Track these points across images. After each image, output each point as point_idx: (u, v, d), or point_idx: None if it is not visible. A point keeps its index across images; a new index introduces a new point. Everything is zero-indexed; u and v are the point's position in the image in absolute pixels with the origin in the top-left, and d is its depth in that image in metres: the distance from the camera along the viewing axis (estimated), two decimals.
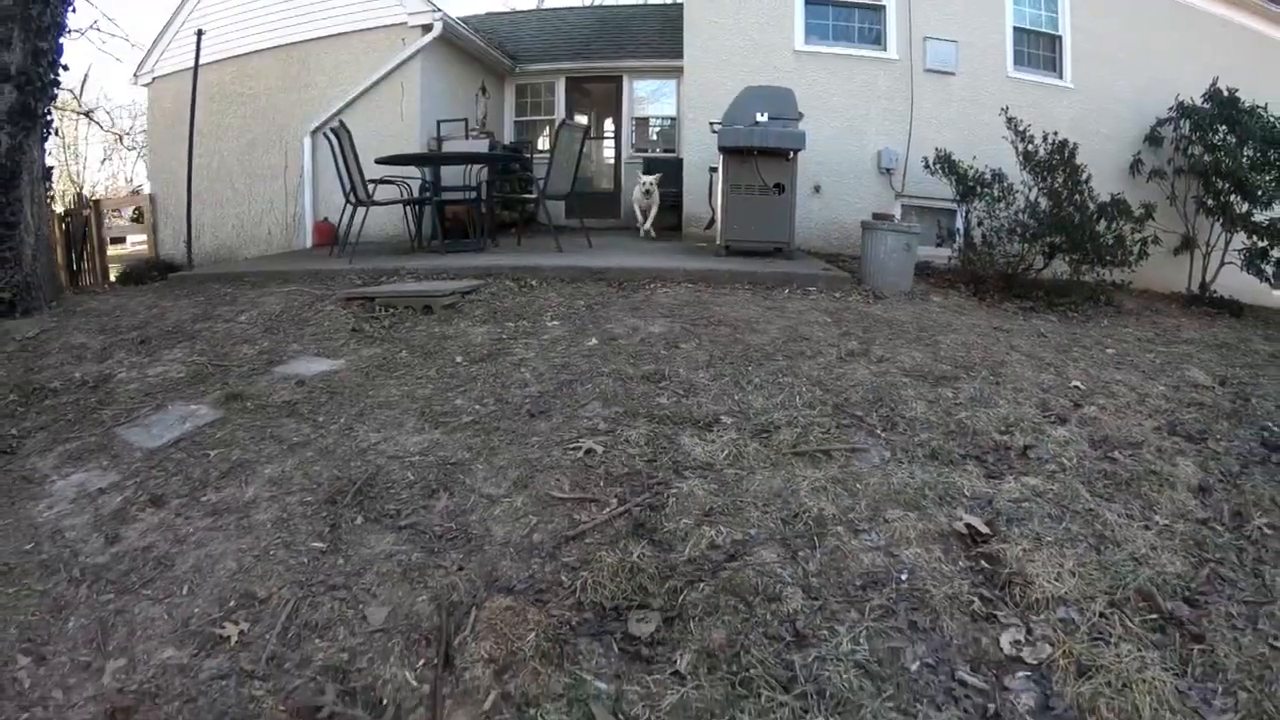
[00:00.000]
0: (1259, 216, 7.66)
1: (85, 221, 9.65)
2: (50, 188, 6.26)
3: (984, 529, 1.96)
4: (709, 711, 1.34)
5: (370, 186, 6.07)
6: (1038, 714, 1.43)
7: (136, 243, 11.62)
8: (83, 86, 16.75)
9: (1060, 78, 8.51)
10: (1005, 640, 1.59)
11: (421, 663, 1.52)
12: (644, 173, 8.44)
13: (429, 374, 3.32)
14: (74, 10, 6.03)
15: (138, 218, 12.54)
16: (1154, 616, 1.77)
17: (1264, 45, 9.65)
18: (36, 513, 2.50)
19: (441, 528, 1.99)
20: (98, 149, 20.84)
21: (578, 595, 1.67)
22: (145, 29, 36.54)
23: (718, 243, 6.32)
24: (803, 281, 5.23)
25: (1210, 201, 8.01)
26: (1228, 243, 7.97)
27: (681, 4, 8.82)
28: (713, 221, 7.36)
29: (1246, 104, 7.94)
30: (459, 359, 3.50)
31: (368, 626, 1.64)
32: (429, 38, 7.95)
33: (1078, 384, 3.56)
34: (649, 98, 10.47)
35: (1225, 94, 8.06)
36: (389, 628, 1.63)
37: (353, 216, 6.16)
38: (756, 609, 1.60)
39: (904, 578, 1.74)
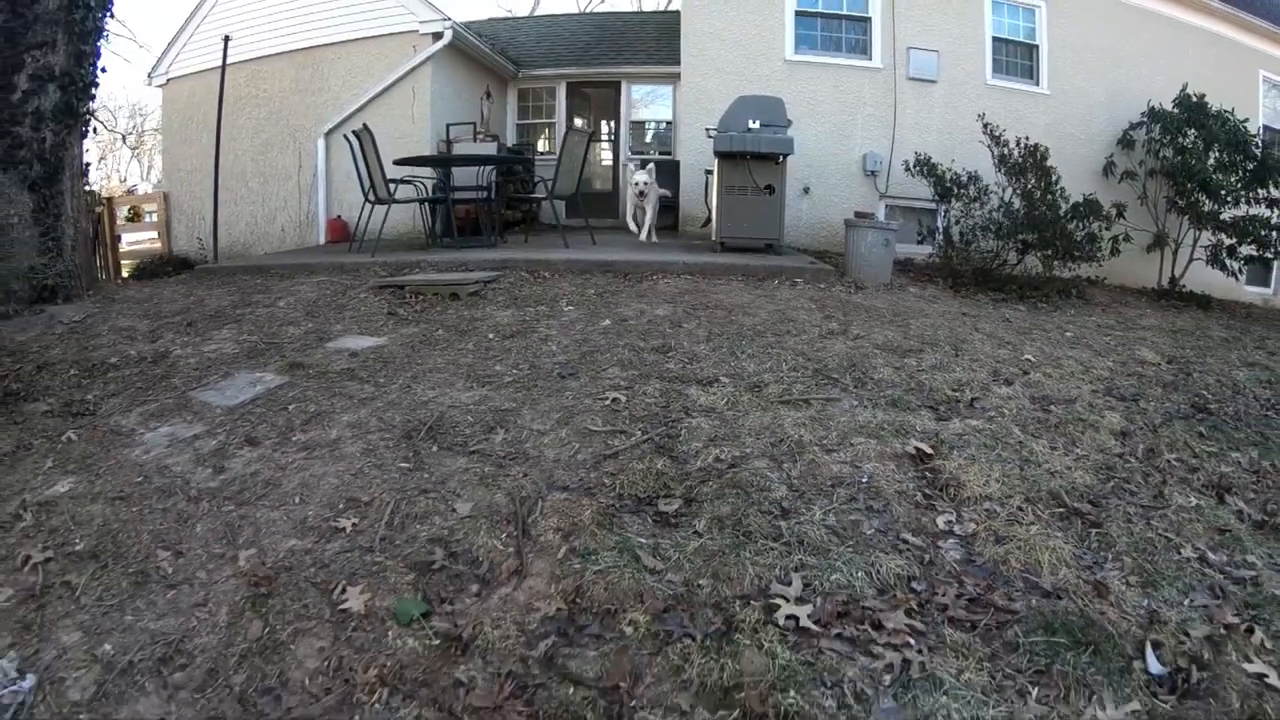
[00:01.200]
0: (1226, 215, 8.30)
1: (98, 219, 10.13)
2: (88, 184, 6.74)
3: (929, 451, 2.52)
4: (720, 552, 1.89)
5: (391, 186, 6.61)
6: (963, 564, 1.99)
7: (133, 241, 12.00)
8: None
9: (1037, 84, 9.14)
10: (940, 520, 2.16)
11: (505, 535, 2.06)
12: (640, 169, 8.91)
13: (467, 347, 3.86)
14: (112, 15, 6.48)
15: (133, 217, 12.99)
16: (1061, 510, 2.34)
17: (1232, 49, 10.30)
18: (135, 456, 2.98)
19: (504, 451, 2.54)
20: (94, 149, 21.26)
21: (618, 490, 2.23)
22: (151, 31, 36.83)
23: (713, 239, 6.89)
24: (791, 274, 5.80)
25: (1181, 201, 8.64)
26: (1196, 240, 8.60)
27: (678, 11, 9.41)
28: (709, 220, 7.93)
29: (1214, 108, 8.56)
30: (491, 335, 4.05)
31: (457, 515, 2.18)
32: (439, 45, 8.51)
33: (1030, 357, 4.14)
34: (646, 102, 11.08)
35: (1194, 99, 8.68)
36: (475, 515, 2.17)
37: (371, 214, 6.70)
38: (753, 495, 2.16)
39: (864, 480, 2.31)
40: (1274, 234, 8.34)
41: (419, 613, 1.80)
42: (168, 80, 10.13)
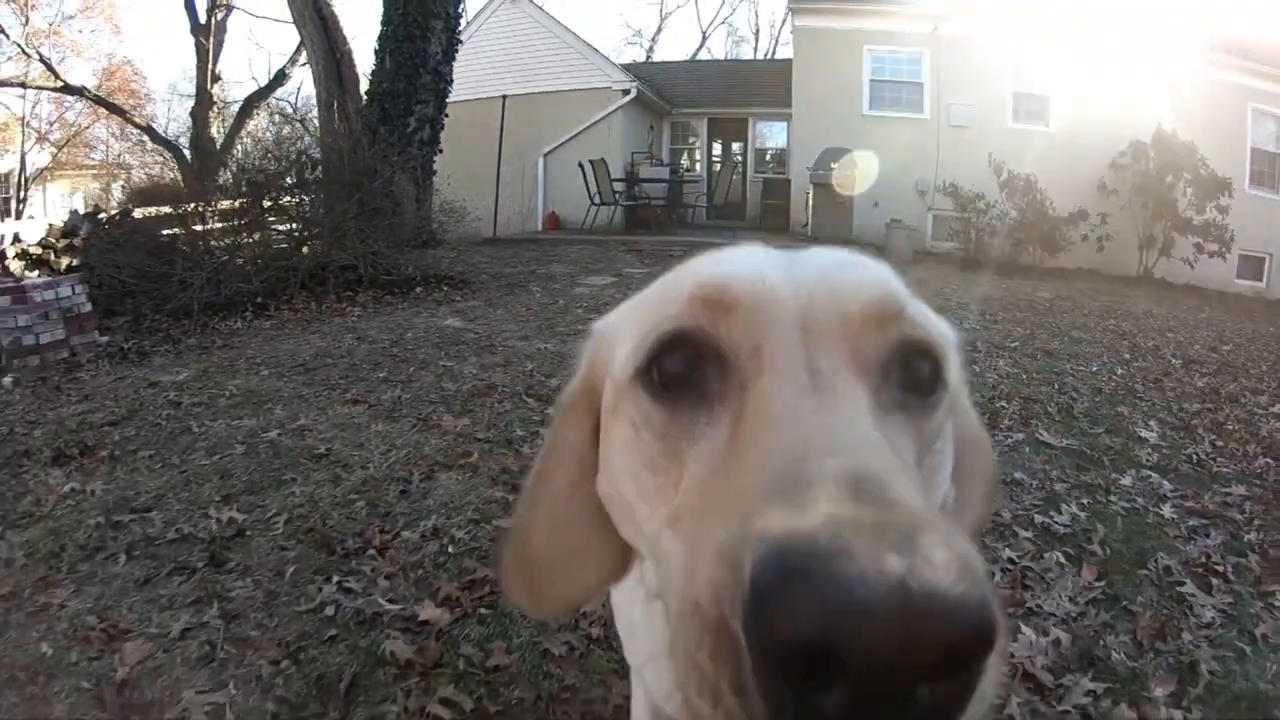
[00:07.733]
0: (1197, 220, 13.67)
1: None
2: (434, 185, 13.38)
3: None
4: None
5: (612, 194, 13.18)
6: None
7: None
8: None
9: (1047, 126, 14.94)
10: None
11: None
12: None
13: None
14: (452, 84, 13.20)
15: None
16: None
17: (1225, 87, 15.23)
18: (578, 292, 9.38)
19: None
20: None
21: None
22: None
23: (809, 234, 13.19)
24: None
25: (1163, 211, 14.09)
26: (1166, 237, 14.07)
27: (790, 60, 15.75)
28: (807, 222, 14.20)
29: (1184, 141, 14.00)
30: None
31: None
32: (627, 99, 15.12)
33: (955, 286, 10.22)
34: (767, 132, 17.48)
35: (1166, 133, 14.11)
36: None
37: (598, 212, 13.25)
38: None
39: None
40: (1228, 234, 13.81)
41: None
42: None
